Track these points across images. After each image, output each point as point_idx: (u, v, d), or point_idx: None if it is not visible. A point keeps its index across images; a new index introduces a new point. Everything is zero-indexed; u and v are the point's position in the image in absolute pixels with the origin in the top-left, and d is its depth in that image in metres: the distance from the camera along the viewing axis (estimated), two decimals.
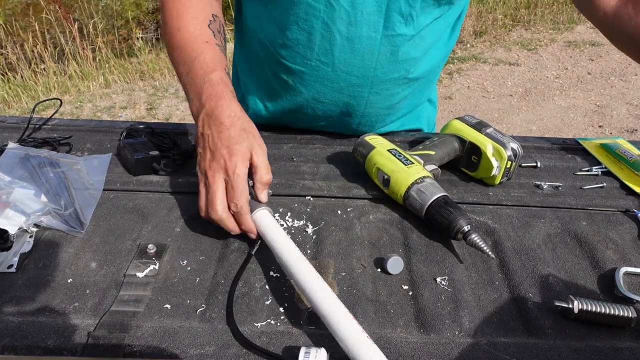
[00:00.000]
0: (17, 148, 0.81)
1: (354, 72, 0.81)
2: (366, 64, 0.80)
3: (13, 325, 0.53)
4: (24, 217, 0.66)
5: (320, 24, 0.77)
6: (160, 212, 0.72)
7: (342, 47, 0.78)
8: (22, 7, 4.38)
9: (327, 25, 0.77)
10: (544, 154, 0.90)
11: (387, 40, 0.78)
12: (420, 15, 0.77)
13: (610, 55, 4.13)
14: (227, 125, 0.65)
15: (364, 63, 0.80)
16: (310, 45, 0.79)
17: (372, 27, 0.77)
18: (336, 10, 0.75)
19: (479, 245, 0.63)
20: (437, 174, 0.76)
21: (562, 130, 3.14)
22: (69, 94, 3.52)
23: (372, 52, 0.79)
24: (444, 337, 0.54)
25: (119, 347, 0.52)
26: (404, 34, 0.78)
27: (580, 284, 0.62)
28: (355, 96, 0.84)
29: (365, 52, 0.79)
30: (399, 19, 0.76)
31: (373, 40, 0.78)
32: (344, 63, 0.80)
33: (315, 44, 0.79)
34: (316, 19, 0.77)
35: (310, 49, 0.80)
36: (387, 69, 0.81)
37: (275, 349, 0.52)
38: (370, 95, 0.84)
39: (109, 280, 0.60)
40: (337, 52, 0.79)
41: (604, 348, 0.54)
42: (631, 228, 0.72)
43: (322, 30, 0.77)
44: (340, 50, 0.79)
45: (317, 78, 0.83)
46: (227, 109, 0.66)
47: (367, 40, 0.78)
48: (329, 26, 0.77)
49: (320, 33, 0.78)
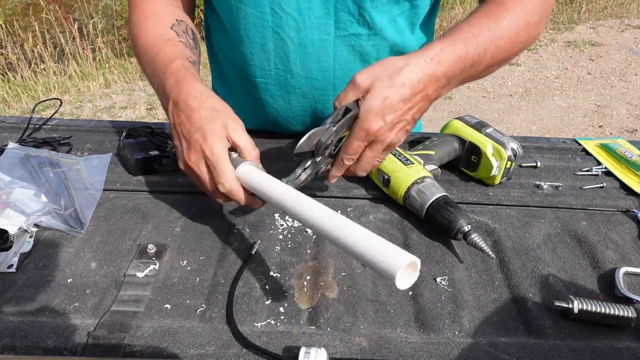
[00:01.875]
0: (17, 148, 0.81)
1: (314, 76, 0.81)
2: (324, 67, 0.79)
3: (13, 325, 0.53)
4: (24, 217, 0.66)
5: (271, 34, 0.77)
6: (160, 212, 0.72)
7: (296, 53, 0.78)
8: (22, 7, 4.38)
9: (277, 34, 0.76)
10: (544, 154, 0.90)
11: (342, 40, 0.77)
12: (375, 14, 0.75)
13: (611, 55, 4.13)
14: (196, 107, 0.62)
15: (321, 66, 0.79)
16: (266, 56, 0.79)
17: (322, 29, 0.76)
18: (283, 18, 0.75)
19: (479, 245, 0.63)
20: (437, 174, 0.76)
21: (562, 130, 3.14)
22: (69, 94, 3.52)
23: (327, 55, 0.78)
24: (444, 337, 0.54)
25: (119, 347, 0.52)
26: (358, 33, 0.77)
27: (580, 284, 0.62)
28: (320, 100, 0.84)
29: (320, 55, 0.78)
30: (349, 19, 0.75)
31: (326, 42, 0.77)
32: (302, 68, 0.80)
33: (270, 54, 0.79)
34: (265, 30, 0.76)
35: (266, 60, 0.80)
36: (347, 69, 0.80)
37: (275, 349, 0.52)
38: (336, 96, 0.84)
39: (109, 280, 0.60)
40: (292, 58, 0.79)
41: (604, 348, 0.54)
42: (631, 228, 0.72)
43: (274, 39, 0.77)
44: (294, 56, 0.78)
45: (279, 87, 0.83)
46: (193, 91, 0.63)
47: (320, 43, 0.77)
48: (280, 34, 0.76)
49: (272, 42, 0.77)
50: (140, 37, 0.75)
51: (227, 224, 0.70)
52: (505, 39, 0.66)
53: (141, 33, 0.75)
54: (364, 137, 0.60)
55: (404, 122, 0.61)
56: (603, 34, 4.56)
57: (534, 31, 0.70)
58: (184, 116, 0.63)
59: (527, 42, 0.70)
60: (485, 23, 0.65)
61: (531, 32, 0.69)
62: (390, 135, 0.60)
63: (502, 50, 0.66)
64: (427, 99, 0.61)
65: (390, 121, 0.59)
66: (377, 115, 0.58)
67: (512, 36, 0.66)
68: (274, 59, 0.79)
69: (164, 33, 0.74)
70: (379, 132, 0.59)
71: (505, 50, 0.67)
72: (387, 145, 0.61)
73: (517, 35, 0.67)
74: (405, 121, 0.61)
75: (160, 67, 0.68)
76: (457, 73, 0.62)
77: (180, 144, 0.64)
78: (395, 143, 0.62)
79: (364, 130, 0.59)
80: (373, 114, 0.58)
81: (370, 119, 0.58)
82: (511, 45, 0.67)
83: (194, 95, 0.63)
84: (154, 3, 0.79)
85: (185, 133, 0.62)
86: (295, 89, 0.82)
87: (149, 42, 0.73)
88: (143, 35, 0.75)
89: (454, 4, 4.74)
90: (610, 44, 4.32)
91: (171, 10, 0.79)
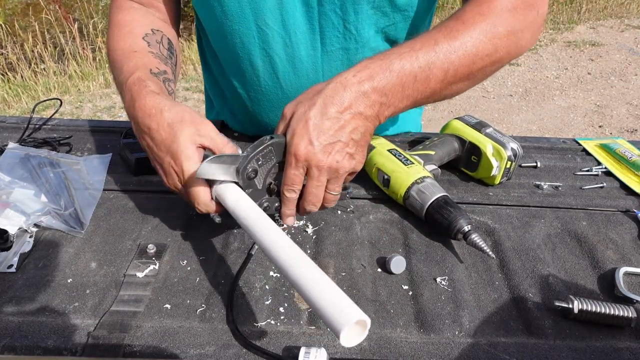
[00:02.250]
0: (17, 148, 0.81)
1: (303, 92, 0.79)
2: (312, 82, 0.76)
3: (13, 325, 0.53)
4: (24, 217, 0.66)
5: (259, 50, 0.75)
6: (160, 212, 0.72)
7: (284, 69, 0.76)
8: (22, 7, 4.38)
9: (264, 51, 0.75)
10: (543, 154, 0.90)
11: (329, 56, 0.76)
12: (361, 27, 0.73)
13: (610, 55, 4.13)
14: (154, 127, 0.59)
15: (309, 82, 0.77)
16: (255, 72, 0.78)
17: (309, 45, 0.75)
18: (269, 35, 0.73)
19: (479, 245, 0.63)
20: (437, 174, 0.76)
21: (562, 130, 3.14)
22: (69, 94, 3.52)
23: (315, 71, 0.77)
24: (444, 337, 0.54)
25: (119, 347, 0.52)
26: (346, 47, 0.75)
27: (580, 284, 0.62)
28: None
29: (309, 72, 0.77)
30: (335, 34, 0.73)
31: (314, 58, 0.76)
32: (290, 85, 0.78)
33: (259, 70, 0.77)
34: (252, 46, 0.75)
35: (256, 76, 0.78)
36: None
37: (275, 349, 0.52)
38: None
39: (109, 280, 0.60)
40: (280, 75, 0.77)
41: (604, 348, 0.54)
42: (631, 228, 0.72)
43: (262, 55, 0.76)
44: (283, 73, 0.77)
45: (270, 103, 0.81)
46: (145, 108, 0.60)
47: (308, 59, 0.76)
48: (267, 51, 0.75)
49: (260, 59, 0.76)
50: (111, 51, 0.71)
51: (227, 224, 0.70)
52: (460, 52, 0.61)
53: (112, 46, 0.72)
54: (294, 163, 0.56)
55: (341, 143, 0.57)
56: (603, 34, 4.56)
57: (504, 42, 0.64)
58: (148, 139, 0.60)
59: (500, 54, 0.64)
60: (433, 37, 0.61)
61: (500, 44, 0.63)
62: (325, 159, 0.56)
63: (461, 64, 0.61)
64: (360, 116, 0.57)
65: (321, 143, 0.55)
66: (301, 137, 0.55)
67: (470, 49, 0.61)
68: (263, 75, 0.78)
69: (133, 44, 0.70)
70: (309, 155, 0.55)
71: (467, 65, 0.62)
72: (326, 170, 0.57)
73: (478, 48, 0.62)
74: (342, 143, 0.57)
75: (121, 83, 0.65)
76: (394, 88, 0.59)
77: (157, 167, 0.62)
78: (337, 169, 0.57)
79: (292, 155, 0.56)
80: (298, 136, 0.56)
81: (296, 142, 0.56)
82: (472, 59, 0.62)
83: (148, 112, 0.60)
84: (130, 13, 0.75)
85: (157, 158, 0.61)
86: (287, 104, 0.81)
87: (117, 55, 0.70)
88: (113, 47, 0.71)
89: (454, 4, 4.74)
90: (610, 44, 4.32)
91: (148, 20, 0.76)
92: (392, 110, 0.61)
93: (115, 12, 0.76)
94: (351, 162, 0.59)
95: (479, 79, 0.66)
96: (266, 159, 0.58)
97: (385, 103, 0.59)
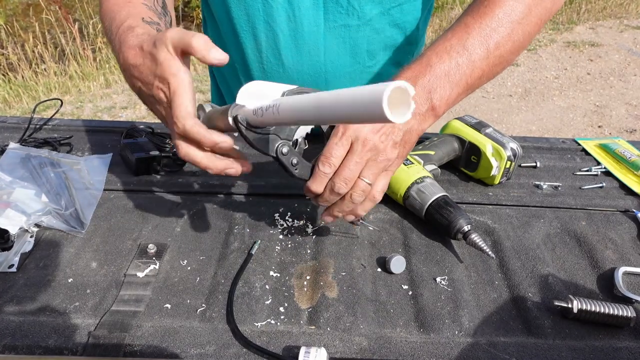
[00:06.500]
0: (18, 148, 0.81)
1: (304, 70, 0.79)
2: (314, 60, 0.78)
3: (14, 325, 0.53)
4: (25, 217, 0.66)
5: (263, 24, 0.75)
6: (160, 212, 0.72)
7: (286, 45, 0.77)
8: (23, 8, 4.38)
9: (268, 24, 0.75)
10: (543, 154, 0.90)
11: (331, 32, 0.76)
12: (365, 4, 0.73)
13: (610, 55, 4.13)
14: (139, 63, 0.54)
15: (311, 59, 0.78)
16: (258, 48, 0.78)
17: (312, 21, 0.75)
18: (274, 8, 0.74)
19: (479, 245, 0.64)
20: (437, 174, 0.77)
21: (562, 130, 3.14)
22: (69, 94, 3.52)
23: (317, 47, 0.77)
24: (444, 336, 0.55)
25: (119, 347, 0.52)
26: (348, 24, 0.75)
27: (579, 283, 0.63)
28: None
29: (310, 48, 0.77)
30: (338, 10, 0.74)
31: (315, 34, 0.76)
32: (293, 61, 0.78)
33: (262, 46, 0.78)
34: (257, 20, 0.75)
35: (259, 51, 0.78)
36: (338, 63, 0.79)
37: (275, 349, 0.52)
38: None
39: (110, 280, 0.60)
40: (283, 50, 0.77)
41: (603, 347, 0.54)
42: (630, 228, 0.72)
43: (265, 30, 0.76)
44: (285, 48, 0.77)
45: (272, 80, 0.81)
46: (132, 50, 0.55)
47: (310, 35, 0.76)
48: (271, 25, 0.75)
49: (264, 33, 0.76)
50: (103, 4, 0.66)
51: (227, 224, 0.70)
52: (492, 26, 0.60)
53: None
54: (340, 133, 0.54)
55: (388, 128, 0.55)
56: (602, 34, 4.56)
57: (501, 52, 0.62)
58: (136, 80, 0.55)
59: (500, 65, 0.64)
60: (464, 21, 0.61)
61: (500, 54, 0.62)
62: (372, 136, 0.54)
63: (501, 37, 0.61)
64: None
65: (374, 126, 0.54)
66: None
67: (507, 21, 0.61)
68: (266, 51, 0.78)
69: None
70: (358, 128, 0.54)
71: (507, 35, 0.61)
72: (369, 148, 0.54)
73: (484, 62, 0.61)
74: (389, 128, 0.55)
75: (112, 32, 0.60)
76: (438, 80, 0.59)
77: (154, 108, 0.56)
78: (380, 151, 0.55)
79: (341, 125, 0.54)
80: None
81: None
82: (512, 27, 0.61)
83: (133, 53, 0.54)
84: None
85: (147, 92, 0.54)
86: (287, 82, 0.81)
87: (110, 5, 0.64)
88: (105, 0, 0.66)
89: (454, 4, 4.74)
90: (610, 45, 4.32)
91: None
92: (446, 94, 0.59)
93: None
94: (393, 151, 0.57)
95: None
96: None
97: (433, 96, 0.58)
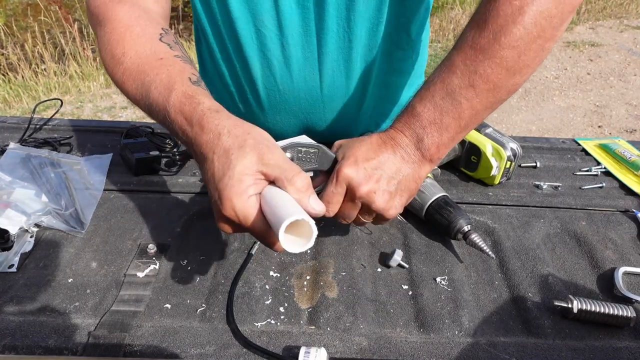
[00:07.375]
0: (18, 148, 0.81)
1: (301, 96, 0.78)
2: (310, 86, 0.76)
3: (14, 325, 0.53)
4: (25, 217, 0.66)
5: (257, 52, 0.74)
6: (160, 212, 0.72)
7: (281, 71, 0.75)
8: (23, 8, 4.38)
9: (262, 52, 0.74)
10: (543, 154, 0.90)
11: (326, 57, 0.74)
12: (355, 26, 0.71)
13: (610, 55, 4.13)
14: (210, 157, 0.48)
15: (307, 85, 0.76)
16: (254, 74, 0.77)
17: (306, 47, 0.73)
18: (266, 36, 0.72)
19: (479, 245, 0.64)
20: (437, 174, 0.77)
21: (562, 130, 3.14)
22: (69, 94, 3.52)
23: (312, 73, 0.76)
24: (444, 336, 0.55)
25: (119, 347, 0.52)
26: (341, 46, 0.73)
27: (579, 283, 0.63)
28: (311, 118, 0.81)
29: (306, 74, 0.76)
30: (330, 35, 0.72)
31: (310, 60, 0.75)
32: (289, 88, 0.77)
33: (257, 73, 0.76)
34: (251, 48, 0.74)
35: (255, 78, 0.77)
36: (334, 86, 0.77)
37: (275, 349, 0.52)
38: (327, 114, 0.81)
39: (110, 280, 0.60)
40: (278, 77, 0.76)
41: (603, 347, 0.54)
42: (630, 228, 0.72)
43: (260, 57, 0.75)
44: (280, 75, 0.76)
45: (270, 105, 0.80)
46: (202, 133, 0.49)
47: (304, 61, 0.75)
48: (264, 53, 0.74)
49: (258, 61, 0.75)
50: (124, 56, 0.57)
51: None
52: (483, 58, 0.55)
53: (125, 50, 0.57)
54: (335, 180, 0.55)
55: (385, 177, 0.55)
56: (602, 34, 4.56)
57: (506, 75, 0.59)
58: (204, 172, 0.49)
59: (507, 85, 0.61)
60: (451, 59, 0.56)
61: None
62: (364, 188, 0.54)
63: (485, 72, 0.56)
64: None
65: (366, 168, 0.55)
66: (348, 158, 0.56)
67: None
68: (262, 78, 0.77)
69: (155, 50, 0.57)
70: (350, 175, 0.54)
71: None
72: (360, 196, 0.55)
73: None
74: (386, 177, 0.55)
75: (155, 99, 0.53)
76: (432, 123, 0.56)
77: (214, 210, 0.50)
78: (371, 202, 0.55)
79: (335, 172, 0.55)
80: (346, 157, 0.56)
81: (342, 162, 0.56)
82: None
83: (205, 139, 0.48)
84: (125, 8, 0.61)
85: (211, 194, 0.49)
86: (285, 108, 0.80)
87: (137, 64, 0.56)
88: (127, 53, 0.57)
89: (454, 5, 4.74)
90: (610, 45, 4.32)
91: (148, 15, 0.62)
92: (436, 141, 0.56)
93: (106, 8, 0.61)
94: (388, 202, 0.56)
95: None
96: (307, 156, 0.58)
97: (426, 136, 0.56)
